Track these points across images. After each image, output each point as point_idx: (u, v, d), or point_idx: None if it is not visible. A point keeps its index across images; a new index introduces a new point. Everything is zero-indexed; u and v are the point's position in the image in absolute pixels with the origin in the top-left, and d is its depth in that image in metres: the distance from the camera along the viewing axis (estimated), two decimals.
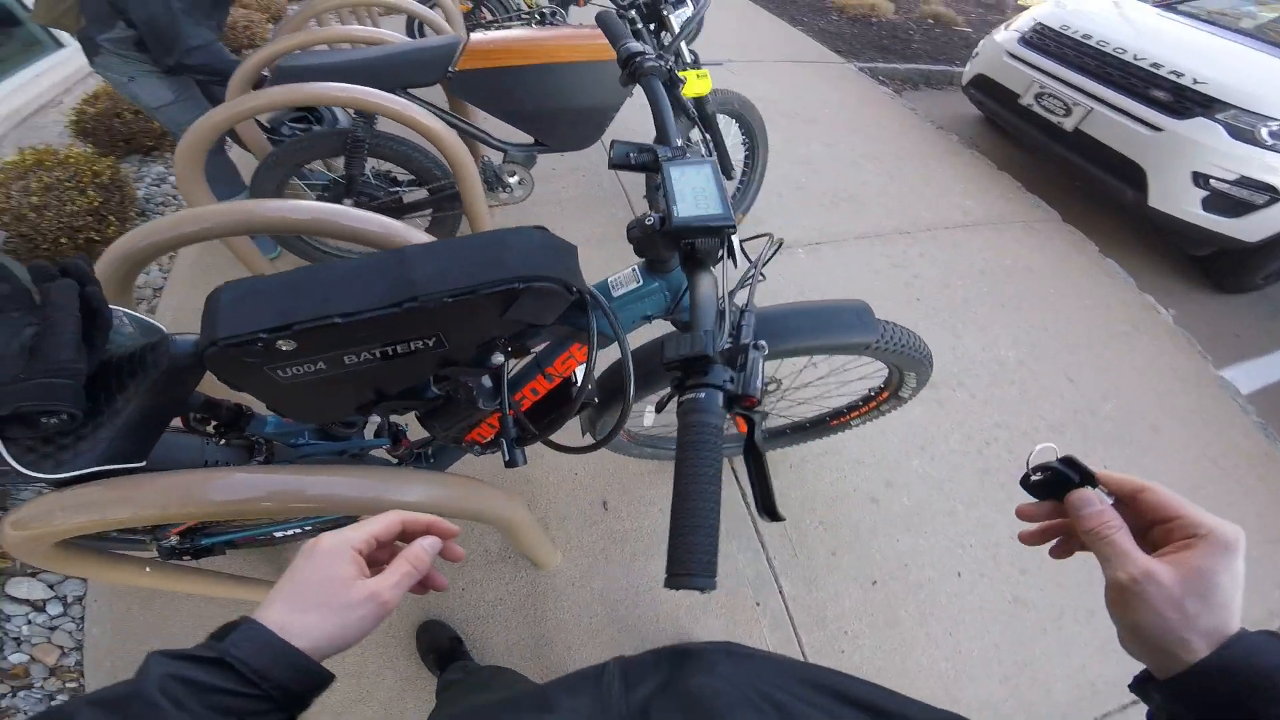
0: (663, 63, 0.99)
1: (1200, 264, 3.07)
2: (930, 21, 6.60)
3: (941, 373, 2.14)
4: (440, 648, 1.37)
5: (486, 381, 0.83)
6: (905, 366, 1.24)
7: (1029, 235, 3.02)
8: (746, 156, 2.54)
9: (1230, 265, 2.91)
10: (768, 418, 1.50)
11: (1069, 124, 3.09)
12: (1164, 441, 2.10)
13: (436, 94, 1.99)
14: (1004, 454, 1.96)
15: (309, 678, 0.40)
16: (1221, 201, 2.63)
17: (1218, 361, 2.48)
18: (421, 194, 2.05)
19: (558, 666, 1.42)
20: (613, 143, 0.82)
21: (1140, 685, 0.40)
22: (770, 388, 1.44)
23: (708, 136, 2.15)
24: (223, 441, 0.94)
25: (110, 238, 2.22)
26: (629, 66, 1.00)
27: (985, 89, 3.67)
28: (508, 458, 0.85)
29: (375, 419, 1.06)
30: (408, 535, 0.50)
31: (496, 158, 2.25)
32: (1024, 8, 5.49)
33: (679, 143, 0.85)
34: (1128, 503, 0.43)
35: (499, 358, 0.78)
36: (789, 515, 1.71)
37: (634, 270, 0.87)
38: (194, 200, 1.61)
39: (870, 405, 1.50)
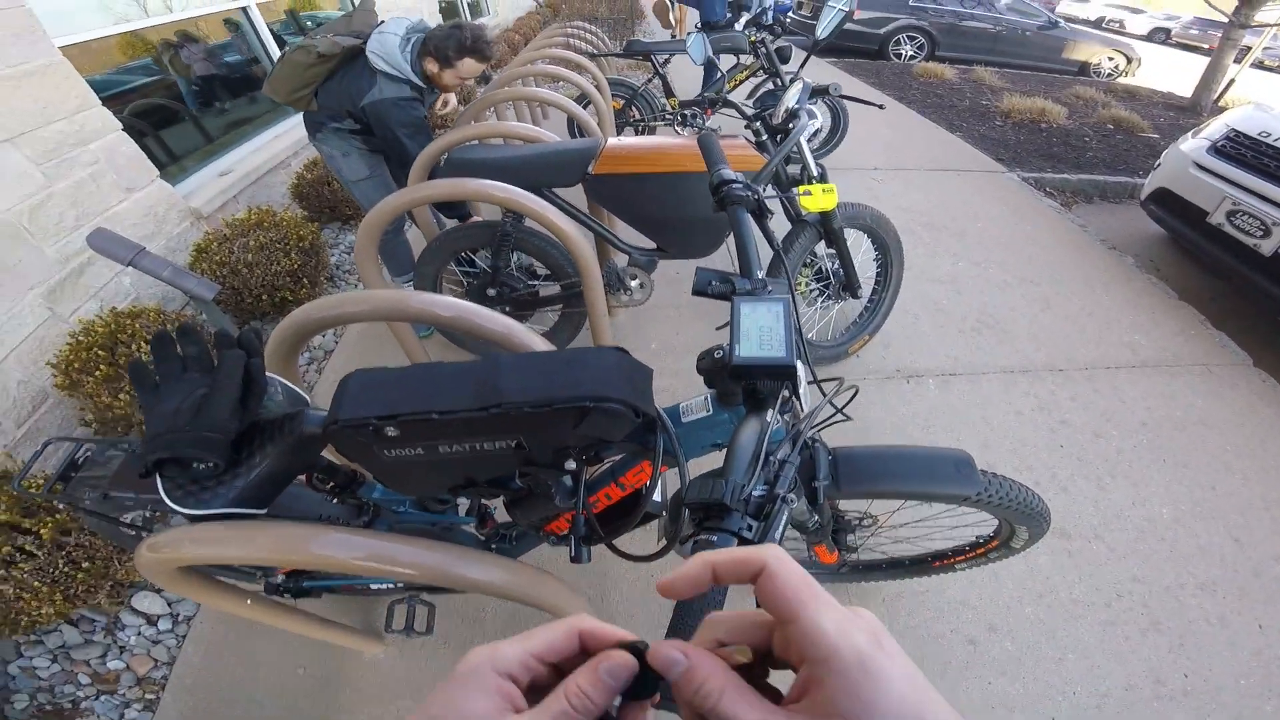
0: (750, 194, 1.02)
1: None
2: (1110, 127, 5.89)
3: (1078, 524, 1.91)
4: None
5: (567, 481, 0.87)
6: (1015, 521, 1.11)
7: (1208, 381, 2.56)
8: (878, 274, 2.46)
9: None
10: (857, 551, 1.41)
11: (1267, 247, 2.63)
12: None
13: (579, 194, 2.11)
14: (1137, 608, 1.70)
15: None
16: None
17: None
18: (555, 289, 2.18)
19: None
20: (697, 269, 0.85)
21: None
22: (865, 523, 1.35)
23: (833, 252, 2.13)
24: (336, 500, 1.06)
25: (302, 299, 2.57)
26: (718, 194, 1.04)
27: (1168, 205, 3.23)
28: (574, 554, 0.90)
29: (466, 500, 1.14)
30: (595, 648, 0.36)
31: (622, 260, 2.35)
32: (1224, 109, 4.80)
33: (760, 275, 0.86)
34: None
35: (572, 464, 0.82)
36: None
37: (705, 399, 0.88)
38: (366, 274, 1.86)
39: (978, 552, 1.36)
